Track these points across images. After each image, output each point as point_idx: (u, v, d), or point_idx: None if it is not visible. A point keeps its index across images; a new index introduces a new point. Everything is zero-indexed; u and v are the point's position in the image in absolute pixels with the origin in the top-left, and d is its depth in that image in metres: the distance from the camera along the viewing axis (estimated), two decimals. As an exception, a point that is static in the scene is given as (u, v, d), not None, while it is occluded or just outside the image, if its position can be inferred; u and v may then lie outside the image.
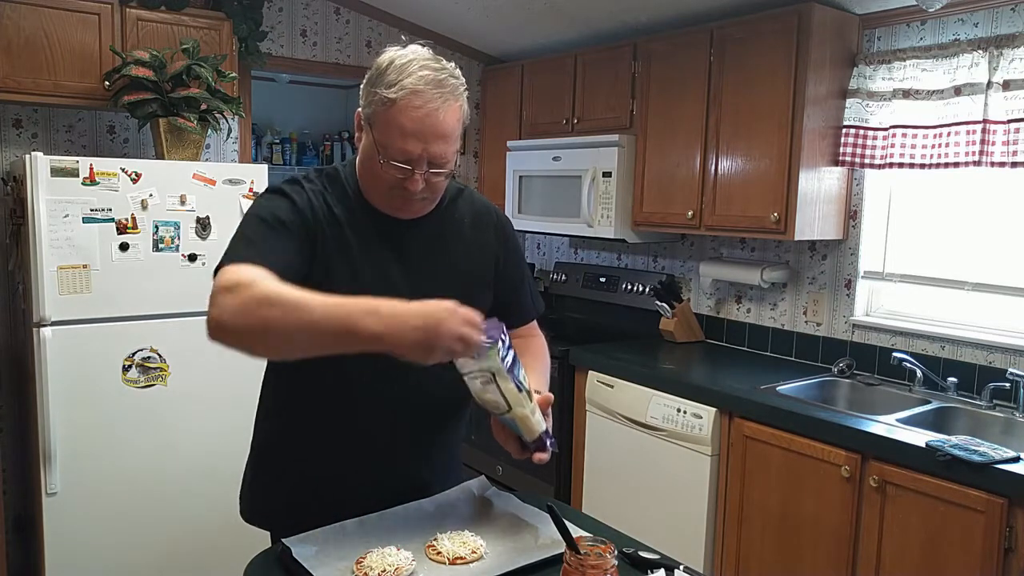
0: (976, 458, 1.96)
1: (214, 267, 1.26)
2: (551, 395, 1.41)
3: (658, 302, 3.42)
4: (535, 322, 1.70)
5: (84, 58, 2.86)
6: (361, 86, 1.40)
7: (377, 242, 1.43)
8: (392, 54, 1.36)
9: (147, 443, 2.78)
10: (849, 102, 2.78)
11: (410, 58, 1.34)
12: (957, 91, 2.48)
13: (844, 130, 2.78)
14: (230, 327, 1.15)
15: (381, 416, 1.45)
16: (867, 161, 2.75)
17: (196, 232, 2.82)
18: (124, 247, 2.69)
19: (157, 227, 2.75)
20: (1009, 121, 2.36)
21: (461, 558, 1.25)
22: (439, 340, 1.11)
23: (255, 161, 4.63)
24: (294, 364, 1.31)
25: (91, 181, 2.62)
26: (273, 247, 1.29)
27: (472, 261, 1.53)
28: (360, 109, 1.39)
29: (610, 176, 3.29)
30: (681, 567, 1.27)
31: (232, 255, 1.27)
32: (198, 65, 2.90)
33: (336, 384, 1.42)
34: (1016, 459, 1.97)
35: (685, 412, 2.69)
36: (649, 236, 3.44)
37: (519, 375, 1.30)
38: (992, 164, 2.41)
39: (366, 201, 1.44)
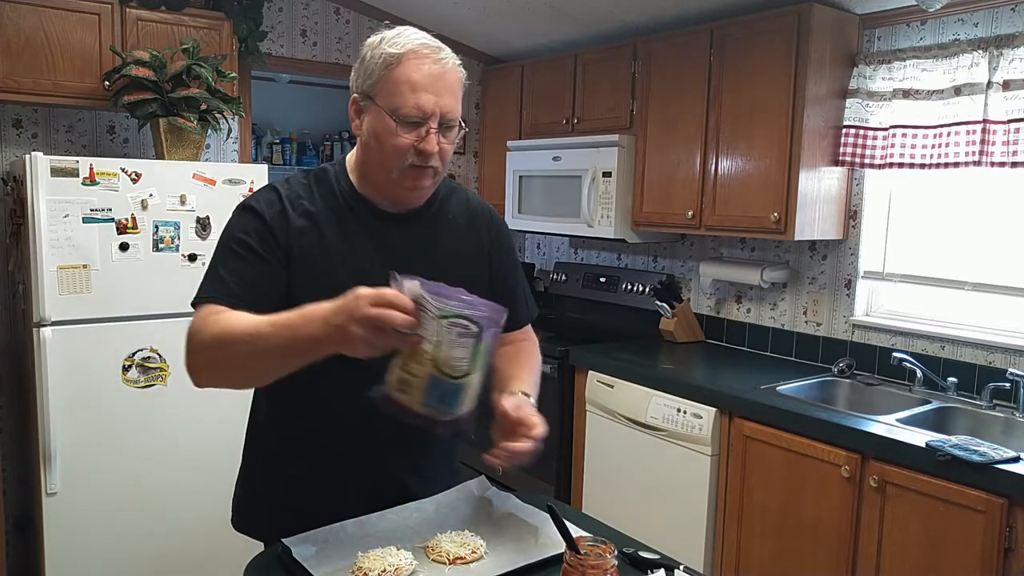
0: (976, 458, 1.96)
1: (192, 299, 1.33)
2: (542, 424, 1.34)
3: (658, 302, 3.42)
4: (529, 327, 1.68)
5: (84, 58, 2.86)
6: (352, 74, 1.39)
7: (364, 241, 1.40)
8: (381, 33, 1.37)
9: (147, 443, 2.78)
10: (849, 102, 2.78)
11: (400, 30, 1.36)
12: (957, 91, 2.48)
13: (844, 130, 2.78)
14: (200, 374, 1.27)
15: (370, 427, 1.43)
16: (867, 161, 2.75)
17: (196, 232, 2.82)
18: (124, 247, 2.69)
19: (157, 227, 2.75)
20: (1009, 121, 2.36)
21: (461, 558, 1.25)
22: (350, 327, 1.08)
23: (255, 161, 4.63)
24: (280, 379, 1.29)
25: (91, 181, 2.62)
26: (241, 280, 1.32)
27: (464, 260, 1.50)
28: (355, 94, 1.37)
29: (610, 176, 3.29)
30: (681, 567, 1.27)
31: (203, 293, 1.33)
32: (198, 65, 2.90)
33: (323, 395, 1.40)
34: (1016, 459, 1.97)
35: (685, 412, 2.69)
36: (649, 236, 3.44)
37: (491, 344, 1.21)
38: (992, 164, 2.41)
39: (360, 197, 1.42)
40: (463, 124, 1.39)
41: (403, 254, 1.42)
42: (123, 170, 2.68)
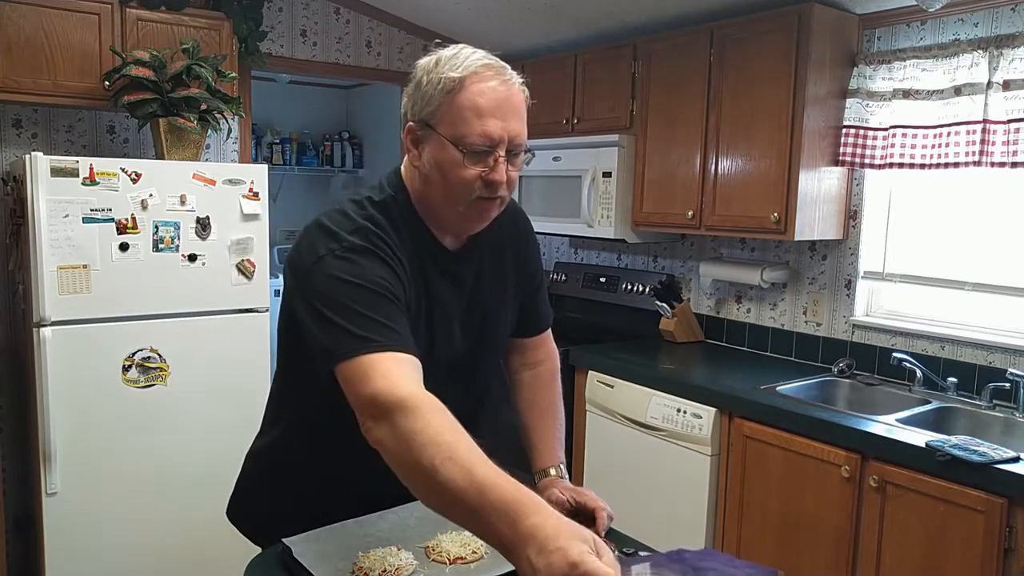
0: (976, 458, 1.96)
1: (340, 352, 1.12)
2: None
3: (658, 302, 3.42)
4: (549, 333, 1.63)
5: (84, 58, 2.86)
6: (405, 99, 1.29)
7: (440, 283, 1.34)
8: (435, 54, 1.27)
9: (147, 443, 2.78)
10: (849, 102, 2.78)
11: (457, 50, 1.26)
12: (957, 91, 2.48)
13: (844, 130, 2.78)
14: (389, 456, 1.06)
15: None
16: (867, 161, 2.75)
17: (196, 232, 2.82)
18: (124, 247, 2.69)
19: (157, 227, 2.75)
20: (1009, 121, 2.36)
21: (461, 558, 1.25)
22: None
23: (255, 161, 4.63)
24: (316, 385, 1.20)
25: (91, 181, 2.62)
26: (402, 328, 1.16)
27: (510, 276, 1.46)
28: (411, 123, 1.27)
29: (610, 176, 3.29)
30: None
31: (366, 339, 1.12)
32: (198, 65, 2.90)
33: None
34: (1016, 459, 1.97)
35: (685, 412, 2.69)
36: (649, 236, 3.44)
37: None
38: (992, 164, 2.41)
39: (425, 230, 1.32)
40: (530, 149, 1.29)
41: (472, 291, 1.39)
42: (123, 170, 2.68)
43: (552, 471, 1.45)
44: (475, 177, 1.23)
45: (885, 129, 2.70)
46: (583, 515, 1.33)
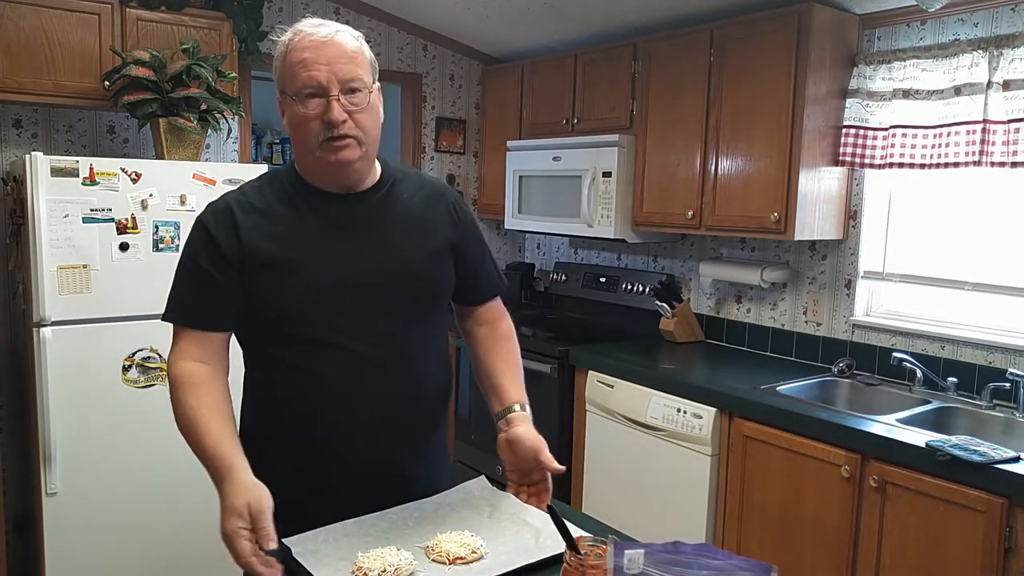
0: (976, 458, 1.96)
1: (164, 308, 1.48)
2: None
3: (658, 302, 3.42)
4: (500, 300, 1.71)
5: (84, 58, 2.86)
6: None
7: (315, 221, 1.45)
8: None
9: (147, 443, 2.78)
10: (849, 102, 2.78)
11: (304, 20, 1.44)
12: (957, 91, 2.48)
13: (844, 130, 2.78)
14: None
15: (367, 413, 1.44)
16: (867, 161, 2.75)
17: (196, 232, 2.82)
18: (124, 247, 2.69)
19: (157, 227, 2.75)
20: (1009, 121, 2.36)
21: (461, 558, 1.25)
22: (221, 525, 1.26)
23: (255, 161, 4.63)
24: (274, 371, 1.46)
25: (91, 181, 2.62)
26: (197, 302, 1.46)
27: (422, 235, 1.52)
28: (278, 93, 1.44)
29: (610, 176, 3.29)
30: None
31: (169, 310, 1.49)
32: (198, 65, 2.90)
33: (321, 381, 1.42)
34: (1016, 459, 1.97)
35: (685, 412, 2.69)
36: (649, 236, 3.44)
37: None
38: (992, 164, 2.41)
39: (307, 184, 1.46)
40: (372, 87, 1.41)
41: (355, 230, 1.47)
42: (123, 170, 2.68)
43: (516, 407, 1.52)
44: (315, 119, 1.36)
45: (885, 129, 2.70)
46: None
